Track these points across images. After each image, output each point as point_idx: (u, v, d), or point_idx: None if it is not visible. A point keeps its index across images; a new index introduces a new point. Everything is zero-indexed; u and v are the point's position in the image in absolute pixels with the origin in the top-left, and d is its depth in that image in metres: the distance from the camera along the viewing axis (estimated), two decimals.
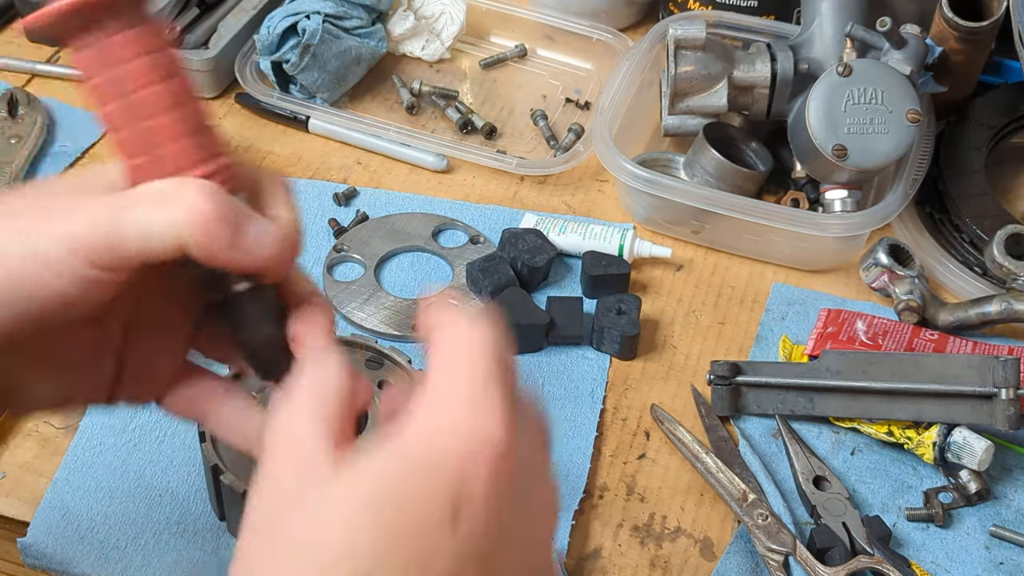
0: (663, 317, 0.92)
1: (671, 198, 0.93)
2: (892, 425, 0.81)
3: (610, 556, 0.76)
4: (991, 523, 0.79)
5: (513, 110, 1.10)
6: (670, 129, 1.00)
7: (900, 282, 0.90)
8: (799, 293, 0.94)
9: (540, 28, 1.15)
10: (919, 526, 0.79)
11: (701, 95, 0.97)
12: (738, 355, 0.89)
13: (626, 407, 0.85)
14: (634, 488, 0.80)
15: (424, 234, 0.96)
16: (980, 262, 0.93)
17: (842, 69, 0.90)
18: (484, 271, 0.89)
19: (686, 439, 0.81)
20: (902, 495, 0.80)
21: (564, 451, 0.81)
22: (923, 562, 0.76)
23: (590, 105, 1.10)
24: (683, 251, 0.97)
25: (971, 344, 0.88)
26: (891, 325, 0.89)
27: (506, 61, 1.15)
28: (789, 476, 0.81)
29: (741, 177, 0.96)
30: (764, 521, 0.75)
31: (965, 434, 0.79)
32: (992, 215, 0.94)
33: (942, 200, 0.98)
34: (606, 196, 1.02)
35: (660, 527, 0.78)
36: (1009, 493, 0.81)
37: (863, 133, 0.90)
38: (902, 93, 0.90)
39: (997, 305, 0.87)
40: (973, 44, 0.98)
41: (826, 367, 0.83)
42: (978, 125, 1.01)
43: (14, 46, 1.12)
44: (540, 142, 1.07)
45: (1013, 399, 0.78)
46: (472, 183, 1.02)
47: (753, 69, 0.96)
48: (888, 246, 0.91)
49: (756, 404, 0.84)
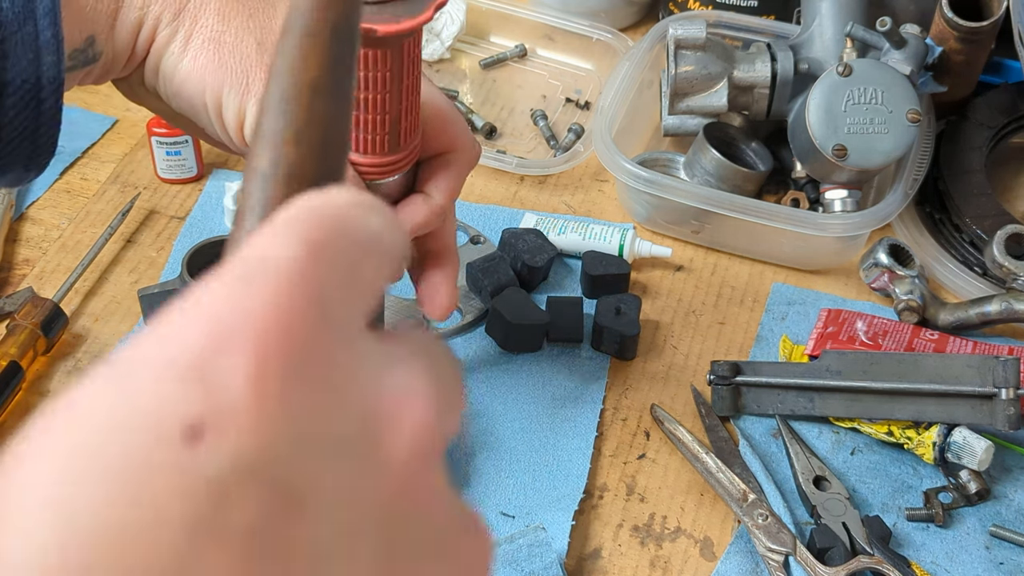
0: (663, 317, 0.92)
1: (671, 198, 0.93)
2: (892, 425, 0.81)
3: (610, 556, 0.76)
4: (991, 523, 0.79)
5: (513, 110, 1.10)
6: (670, 129, 1.00)
7: (900, 282, 0.90)
8: (799, 293, 0.94)
9: (540, 28, 1.15)
10: (919, 526, 0.79)
11: (701, 95, 0.97)
12: (738, 355, 0.89)
13: (626, 407, 0.85)
14: (634, 488, 0.80)
15: None
16: (980, 262, 0.93)
17: (842, 69, 0.90)
18: (484, 271, 0.89)
19: (686, 439, 0.81)
20: (902, 495, 0.80)
21: (564, 451, 0.81)
22: (923, 562, 0.76)
23: (590, 105, 1.10)
24: (683, 251, 0.97)
25: (971, 344, 0.88)
26: (891, 325, 0.89)
27: (506, 61, 1.15)
28: (789, 476, 0.81)
29: (741, 177, 0.96)
30: (764, 521, 0.75)
31: (965, 434, 0.79)
32: (992, 215, 0.94)
33: (942, 200, 0.98)
34: (606, 196, 1.02)
35: (660, 527, 0.78)
36: (1009, 493, 0.81)
37: (863, 133, 0.90)
38: (902, 93, 0.90)
39: (997, 305, 0.87)
40: (973, 44, 0.98)
41: (826, 367, 0.83)
42: (978, 125, 1.01)
43: None
44: (540, 142, 1.07)
45: (1013, 399, 0.78)
46: (472, 183, 1.02)
47: (753, 69, 0.96)
48: (888, 246, 0.91)
49: (756, 404, 0.84)
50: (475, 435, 0.81)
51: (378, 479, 0.25)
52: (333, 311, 0.25)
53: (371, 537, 0.25)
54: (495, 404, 0.84)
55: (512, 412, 0.83)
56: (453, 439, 0.77)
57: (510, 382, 0.85)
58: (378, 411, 0.25)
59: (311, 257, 0.25)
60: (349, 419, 0.25)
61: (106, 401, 0.23)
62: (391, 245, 0.28)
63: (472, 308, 0.90)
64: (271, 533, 0.23)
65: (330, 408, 0.24)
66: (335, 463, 0.24)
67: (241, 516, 0.22)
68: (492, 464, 0.80)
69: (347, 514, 0.24)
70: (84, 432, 0.23)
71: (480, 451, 0.81)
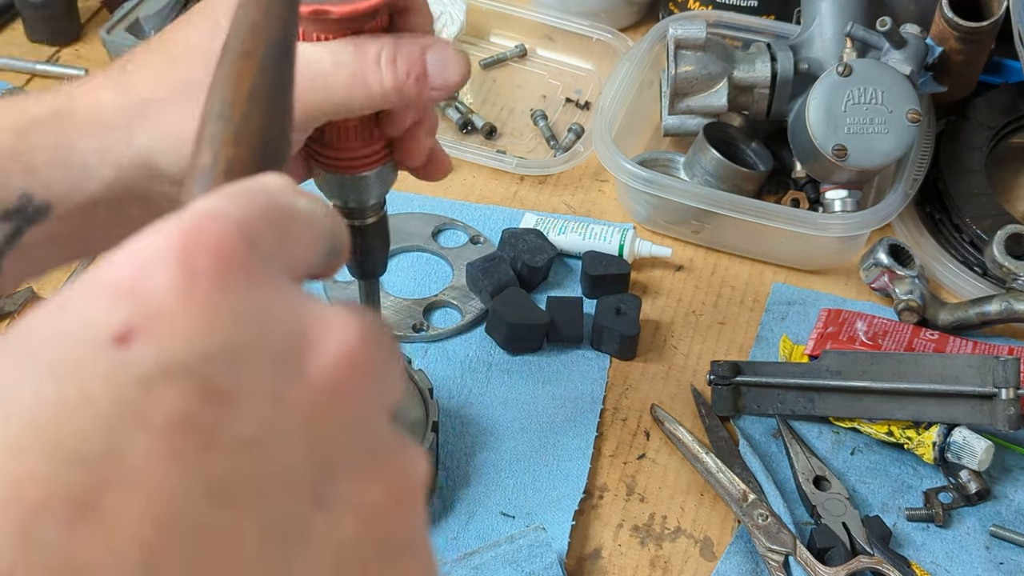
0: (663, 317, 0.92)
1: (671, 198, 0.93)
2: (892, 425, 0.81)
3: (610, 556, 0.76)
4: (991, 523, 0.79)
5: (513, 110, 1.10)
6: (670, 129, 1.00)
7: (900, 282, 0.90)
8: (799, 293, 0.94)
9: (540, 28, 1.15)
10: (919, 526, 0.79)
11: (701, 95, 0.97)
12: (738, 355, 0.89)
13: (626, 407, 0.85)
14: (634, 488, 0.80)
15: (424, 234, 0.96)
16: (980, 262, 0.93)
17: (842, 69, 0.90)
18: (484, 271, 0.89)
19: (686, 439, 0.81)
20: (902, 495, 0.80)
21: (564, 451, 0.81)
22: (923, 562, 0.76)
23: (590, 105, 1.10)
24: (683, 251, 0.97)
25: (971, 344, 0.88)
26: (891, 325, 0.89)
27: (506, 61, 1.15)
28: (789, 476, 0.81)
29: (741, 177, 0.96)
30: (764, 521, 0.75)
31: (965, 434, 0.79)
32: (992, 215, 0.94)
33: (942, 200, 0.98)
34: (606, 196, 1.02)
35: (660, 527, 0.78)
36: (1009, 493, 0.81)
37: (863, 133, 0.90)
38: (902, 93, 0.90)
39: (997, 305, 0.87)
40: (973, 44, 0.98)
41: (826, 367, 0.83)
42: (978, 125, 1.01)
43: (14, 46, 1.12)
44: (540, 142, 1.07)
45: (1013, 399, 0.78)
46: (472, 183, 1.02)
47: (753, 69, 0.96)
48: (888, 246, 0.91)
49: (756, 404, 0.84)
50: (475, 435, 0.81)
51: (301, 387, 0.26)
52: (263, 250, 0.27)
53: (295, 439, 0.26)
54: (495, 404, 0.84)
55: (512, 412, 0.83)
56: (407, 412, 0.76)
57: (510, 382, 0.85)
58: (305, 332, 0.27)
59: (240, 208, 0.27)
60: (273, 333, 0.26)
61: (44, 319, 0.25)
62: (321, 220, 0.30)
63: (472, 308, 0.90)
64: (194, 422, 0.24)
65: (255, 320, 0.26)
66: (258, 368, 0.25)
67: (166, 406, 0.24)
68: (492, 464, 0.80)
69: (270, 413, 0.25)
70: (22, 343, 0.25)
71: (480, 451, 0.81)
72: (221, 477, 0.24)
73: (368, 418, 0.28)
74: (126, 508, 0.22)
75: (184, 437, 0.24)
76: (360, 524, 0.27)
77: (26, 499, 0.22)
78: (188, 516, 0.23)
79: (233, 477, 0.24)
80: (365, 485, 0.27)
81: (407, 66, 0.56)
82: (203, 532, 0.23)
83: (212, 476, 0.24)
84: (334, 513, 0.26)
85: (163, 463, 0.23)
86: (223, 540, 0.23)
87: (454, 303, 0.90)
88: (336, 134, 0.60)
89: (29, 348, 0.24)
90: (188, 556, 0.23)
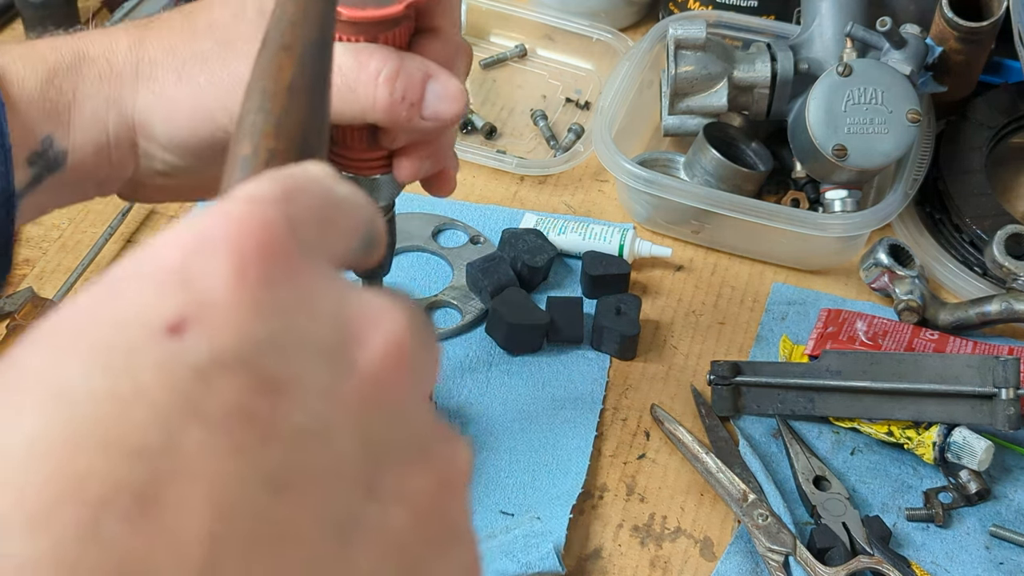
0: (663, 317, 0.92)
1: (671, 198, 0.93)
2: (892, 425, 0.81)
3: (610, 556, 0.76)
4: (991, 523, 0.79)
5: (513, 110, 1.10)
6: (670, 129, 1.00)
7: (900, 282, 0.90)
8: (799, 293, 0.94)
9: (540, 28, 1.15)
10: (919, 526, 0.79)
11: (701, 95, 0.97)
12: (738, 355, 0.89)
13: (626, 407, 0.85)
14: (634, 488, 0.80)
15: (424, 234, 0.96)
16: (980, 262, 0.93)
17: (842, 69, 0.90)
18: (484, 271, 0.89)
19: (686, 439, 0.81)
20: (902, 495, 0.80)
21: (564, 451, 0.81)
22: (923, 562, 0.76)
23: (590, 105, 1.10)
24: (683, 251, 0.97)
25: (971, 344, 0.88)
26: (891, 325, 0.89)
27: (506, 61, 1.15)
28: (789, 476, 0.81)
29: (741, 177, 0.96)
30: (764, 521, 0.75)
31: (965, 434, 0.79)
32: (992, 215, 0.94)
33: (942, 200, 0.98)
34: (606, 196, 1.02)
35: (660, 527, 0.78)
36: (1009, 493, 0.81)
37: (863, 133, 0.90)
38: (902, 93, 0.90)
39: (997, 305, 0.87)
40: (973, 44, 0.98)
41: (826, 367, 0.83)
42: (978, 125, 1.01)
43: None
44: (540, 142, 1.07)
45: (1013, 399, 0.78)
46: (472, 183, 1.02)
47: (753, 69, 0.96)
48: (888, 246, 0.91)
49: (756, 404, 0.84)
50: (475, 435, 0.81)
51: (351, 380, 0.26)
52: (306, 239, 0.27)
53: (347, 431, 0.26)
54: (495, 404, 0.84)
55: (512, 412, 0.83)
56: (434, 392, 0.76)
57: (510, 382, 0.85)
58: (350, 323, 0.27)
59: (285, 194, 0.27)
60: (322, 324, 0.26)
61: (92, 306, 0.25)
62: (360, 209, 0.30)
63: (472, 308, 0.90)
64: (250, 413, 0.24)
65: (303, 311, 0.26)
66: (310, 360, 0.25)
67: (222, 397, 0.23)
68: (492, 464, 0.80)
69: (323, 405, 0.25)
70: (70, 329, 0.24)
71: (480, 450, 0.80)
72: (278, 469, 0.24)
73: (414, 408, 0.28)
74: (187, 501, 0.22)
75: (241, 429, 0.23)
76: (411, 514, 0.27)
77: (88, 495, 0.21)
78: (248, 508, 0.23)
79: (290, 469, 0.24)
80: (414, 476, 0.27)
81: (404, 89, 0.56)
82: (263, 524, 0.23)
83: (270, 468, 0.24)
84: (386, 504, 0.26)
85: (221, 455, 0.23)
86: (283, 532, 0.23)
87: (454, 303, 0.90)
88: (340, 135, 0.60)
89: (78, 335, 0.24)
90: (249, 548, 0.23)
